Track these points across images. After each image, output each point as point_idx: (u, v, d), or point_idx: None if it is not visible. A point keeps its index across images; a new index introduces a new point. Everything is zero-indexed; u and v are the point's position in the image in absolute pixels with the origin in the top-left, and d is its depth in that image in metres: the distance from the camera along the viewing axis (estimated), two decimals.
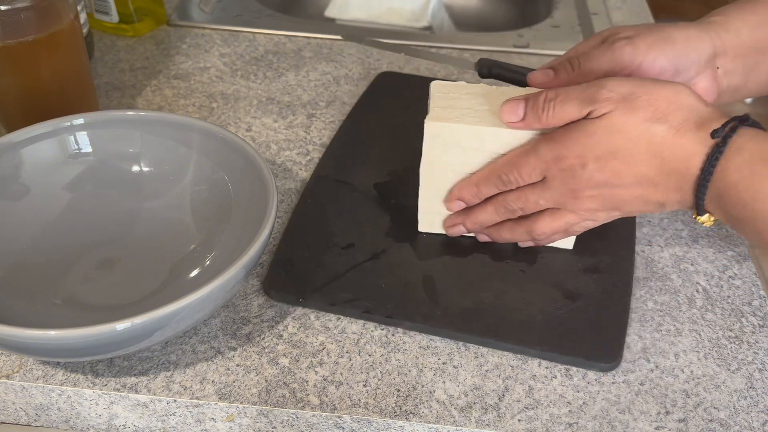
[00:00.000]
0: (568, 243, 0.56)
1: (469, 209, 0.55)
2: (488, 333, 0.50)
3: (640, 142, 0.46)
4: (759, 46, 0.54)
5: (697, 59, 0.53)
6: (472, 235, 0.57)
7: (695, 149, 0.45)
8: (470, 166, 0.53)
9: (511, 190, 0.52)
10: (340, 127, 0.70)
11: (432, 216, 0.57)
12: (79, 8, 0.67)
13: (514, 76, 0.58)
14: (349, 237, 0.57)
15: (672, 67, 0.52)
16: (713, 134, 0.45)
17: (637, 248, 0.58)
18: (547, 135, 0.49)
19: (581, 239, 0.55)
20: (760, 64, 0.55)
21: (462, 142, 0.52)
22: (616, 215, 0.51)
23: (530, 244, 0.55)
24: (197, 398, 0.47)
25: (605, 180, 0.48)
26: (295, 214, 0.59)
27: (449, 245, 0.57)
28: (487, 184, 0.52)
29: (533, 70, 0.55)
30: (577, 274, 0.54)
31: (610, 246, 0.56)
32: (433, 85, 0.54)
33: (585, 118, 0.48)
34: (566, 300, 0.52)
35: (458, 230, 0.56)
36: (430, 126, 0.51)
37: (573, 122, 0.48)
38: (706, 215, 0.47)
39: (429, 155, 0.53)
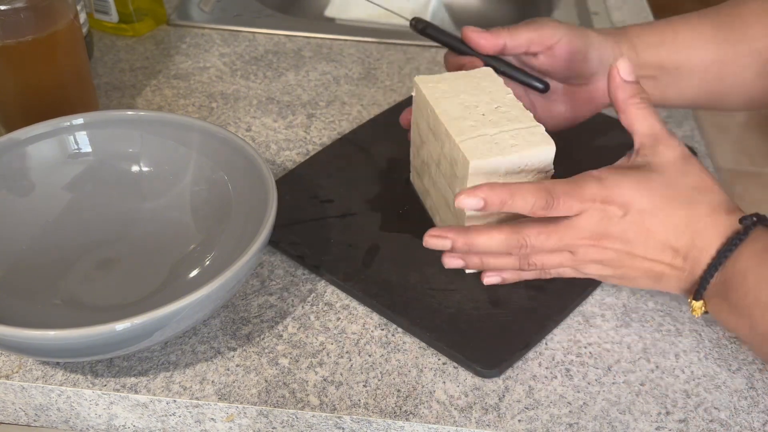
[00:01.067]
0: None
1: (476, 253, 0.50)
2: (391, 306, 0.52)
3: (682, 207, 0.47)
4: (659, 64, 0.59)
5: (601, 61, 0.59)
6: (438, 223, 0.58)
7: (720, 231, 0.46)
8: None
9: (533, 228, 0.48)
10: (399, 103, 0.73)
11: (413, 169, 0.62)
12: (78, 8, 0.67)
13: (448, 41, 0.61)
14: (333, 194, 0.61)
15: (583, 52, 0.58)
16: (742, 220, 0.46)
17: None
18: (593, 173, 0.47)
19: None
20: (660, 81, 0.60)
21: (428, 116, 0.55)
22: (608, 275, 0.50)
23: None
24: (197, 398, 0.47)
25: (634, 237, 0.47)
26: (304, 162, 0.64)
27: (415, 226, 0.58)
28: (525, 196, 0.46)
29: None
30: (517, 287, 0.53)
31: None
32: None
33: (638, 166, 0.48)
34: (488, 304, 0.52)
35: (455, 263, 0.51)
36: (415, 84, 0.56)
37: (628, 167, 0.48)
38: (701, 302, 0.47)
39: (414, 113, 0.58)
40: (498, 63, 0.60)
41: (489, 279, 0.52)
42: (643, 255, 0.47)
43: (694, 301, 0.48)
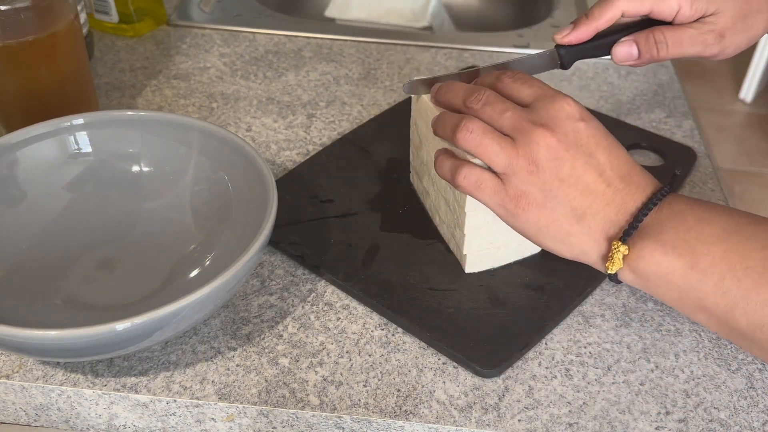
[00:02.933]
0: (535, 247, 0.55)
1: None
2: (391, 306, 0.51)
3: (625, 152, 0.47)
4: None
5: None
6: (438, 223, 0.58)
7: (651, 181, 0.46)
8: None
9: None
10: (399, 103, 0.73)
11: (413, 170, 0.62)
12: (79, 8, 0.67)
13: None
14: (333, 194, 0.61)
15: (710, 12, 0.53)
16: (676, 172, 0.49)
17: None
18: None
19: (552, 257, 0.54)
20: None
21: (427, 117, 0.54)
22: (531, 202, 0.45)
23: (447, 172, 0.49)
24: (197, 398, 0.47)
25: (584, 142, 0.45)
26: (304, 162, 0.65)
27: (415, 226, 0.58)
28: (490, 74, 0.50)
29: None
30: (517, 287, 0.53)
31: (575, 273, 0.54)
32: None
33: None
34: (488, 304, 0.52)
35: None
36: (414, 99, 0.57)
37: None
38: (626, 247, 0.44)
39: (413, 114, 0.58)
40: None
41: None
42: (583, 165, 0.45)
43: (620, 245, 0.44)
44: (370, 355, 0.50)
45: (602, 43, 0.54)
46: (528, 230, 0.47)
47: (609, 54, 0.55)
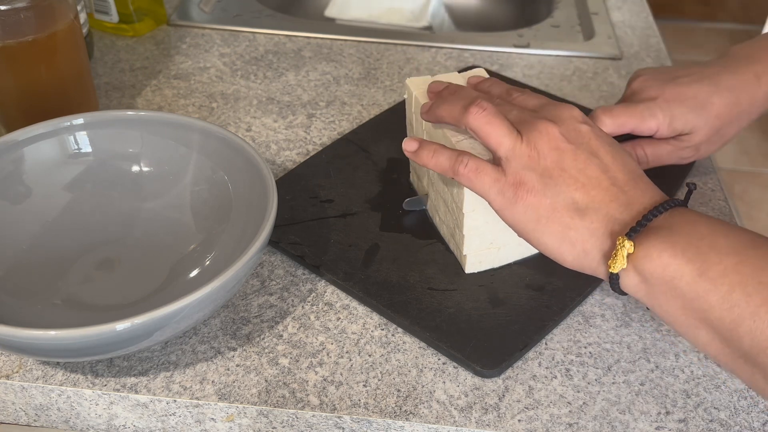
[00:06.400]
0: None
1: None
2: (391, 306, 0.51)
3: (635, 167, 0.46)
4: None
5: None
6: (438, 223, 0.58)
7: (659, 191, 0.45)
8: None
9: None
10: (399, 103, 0.73)
11: (412, 170, 0.63)
12: (79, 8, 0.67)
13: None
14: (333, 194, 0.61)
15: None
16: (689, 185, 0.48)
17: None
18: None
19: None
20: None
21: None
22: (531, 190, 0.45)
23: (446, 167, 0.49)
24: (197, 398, 0.47)
25: (579, 139, 0.45)
26: (304, 162, 0.65)
27: (415, 226, 0.58)
28: (494, 83, 0.53)
29: None
30: (517, 287, 0.53)
31: (575, 273, 0.52)
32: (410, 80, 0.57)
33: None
34: (488, 304, 0.52)
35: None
36: (407, 87, 0.57)
37: None
38: (631, 243, 0.41)
39: (408, 115, 0.58)
40: None
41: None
42: (586, 160, 0.44)
43: (626, 240, 0.41)
44: (370, 355, 0.50)
45: None
46: (526, 222, 0.45)
47: None
